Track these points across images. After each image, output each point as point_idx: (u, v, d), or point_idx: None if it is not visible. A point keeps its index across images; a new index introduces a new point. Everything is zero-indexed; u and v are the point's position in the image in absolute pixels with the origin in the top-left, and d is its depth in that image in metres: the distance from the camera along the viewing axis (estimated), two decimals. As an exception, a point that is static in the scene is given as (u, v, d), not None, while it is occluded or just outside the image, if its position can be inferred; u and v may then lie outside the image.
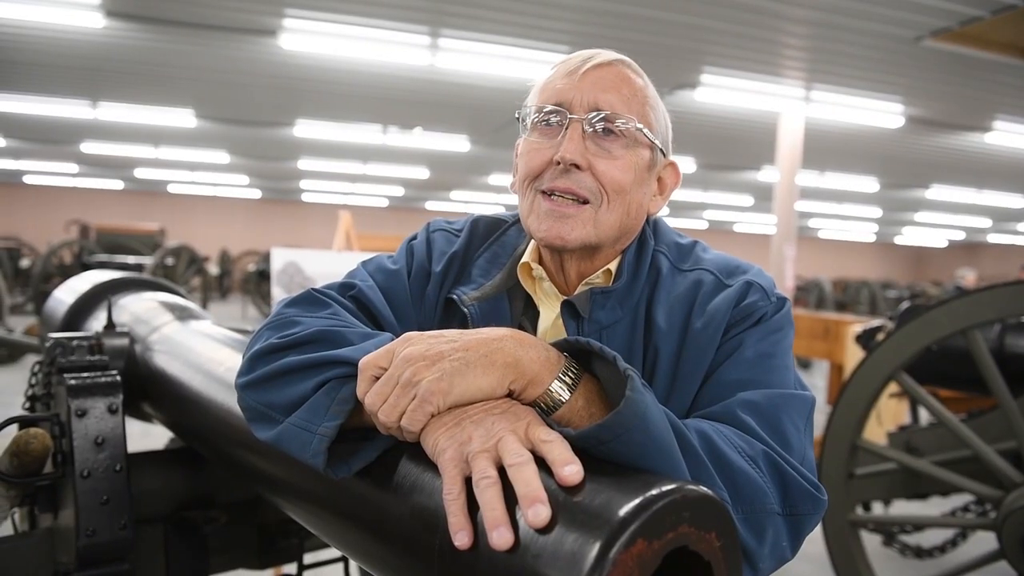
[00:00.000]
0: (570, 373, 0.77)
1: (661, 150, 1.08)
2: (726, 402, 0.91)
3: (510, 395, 0.76)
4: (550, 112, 1.02)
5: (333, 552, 1.53)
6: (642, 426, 0.67)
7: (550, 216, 1.01)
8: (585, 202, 1.01)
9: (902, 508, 4.17)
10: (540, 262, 1.11)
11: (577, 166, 1.00)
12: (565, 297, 1.06)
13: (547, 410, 0.75)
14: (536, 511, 0.59)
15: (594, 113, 1.00)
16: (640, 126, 1.02)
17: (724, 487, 0.78)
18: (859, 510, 3.19)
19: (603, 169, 1.00)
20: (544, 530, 0.58)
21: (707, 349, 0.97)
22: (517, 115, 1.08)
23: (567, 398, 0.75)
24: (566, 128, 1.01)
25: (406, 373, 0.74)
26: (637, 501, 0.56)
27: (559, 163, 1.00)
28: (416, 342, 0.77)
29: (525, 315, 1.10)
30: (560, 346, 0.80)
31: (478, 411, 0.72)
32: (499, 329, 0.79)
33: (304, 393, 0.83)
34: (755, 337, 0.97)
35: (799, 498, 0.84)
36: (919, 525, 3.75)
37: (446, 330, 0.80)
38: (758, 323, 0.99)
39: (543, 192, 1.02)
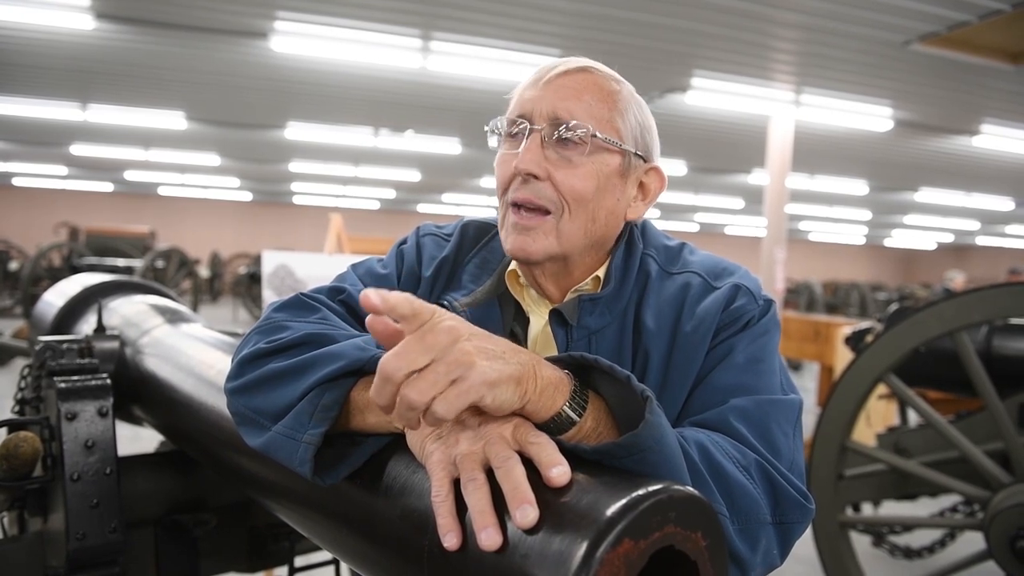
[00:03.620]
0: (579, 395, 0.75)
1: (639, 155, 1.06)
2: (719, 409, 0.92)
3: (518, 412, 0.72)
4: (513, 123, 1.03)
5: (324, 555, 1.52)
6: (658, 447, 0.68)
7: (515, 229, 1.02)
8: (547, 212, 1.01)
9: (891, 509, 4.20)
10: None
11: (535, 176, 0.99)
12: (553, 306, 1.06)
13: (555, 431, 0.73)
14: (524, 512, 0.59)
15: (551, 122, 1.00)
16: (598, 133, 1.00)
17: (722, 500, 0.80)
18: (849, 511, 3.21)
19: (561, 178, 1.00)
20: (532, 531, 0.59)
21: (697, 352, 0.98)
22: (486, 128, 1.08)
23: (577, 421, 0.74)
24: (525, 138, 1.01)
25: (455, 350, 0.65)
26: (624, 501, 0.57)
27: (518, 174, 1.00)
28: (456, 319, 0.69)
29: (516, 321, 1.10)
30: (564, 361, 0.78)
31: (465, 414, 0.72)
32: (520, 347, 0.75)
33: (291, 400, 0.83)
34: (744, 342, 0.98)
35: (788, 507, 0.86)
36: (908, 526, 3.78)
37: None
38: (746, 327, 1.00)
39: (512, 205, 1.03)
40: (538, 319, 1.10)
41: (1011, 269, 11.01)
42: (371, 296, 0.67)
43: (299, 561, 1.63)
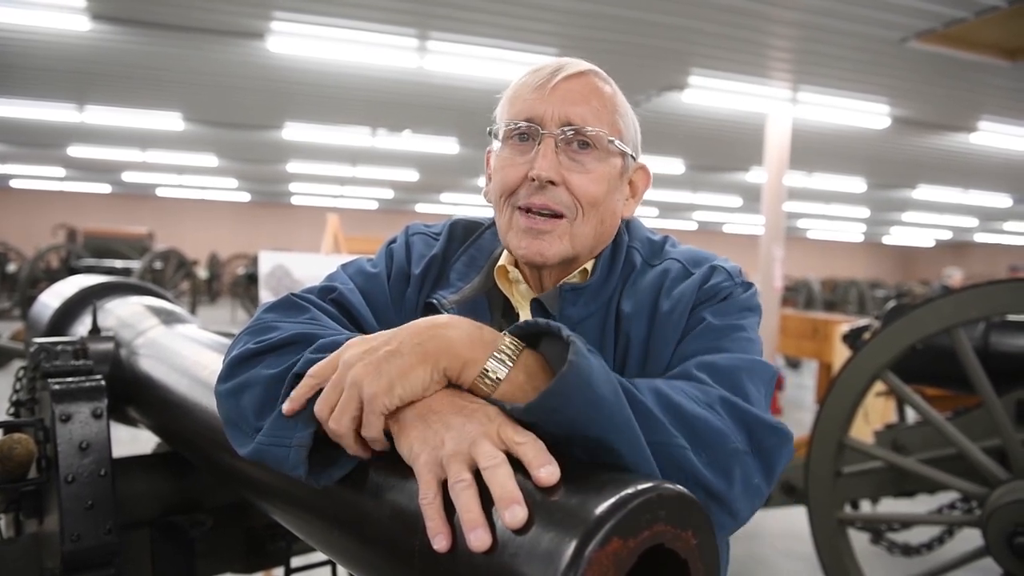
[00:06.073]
0: (507, 350, 0.77)
1: (632, 156, 1.09)
2: (684, 364, 0.92)
3: (449, 381, 0.76)
4: (522, 127, 1.03)
5: (321, 555, 1.52)
6: (587, 386, 0.68)
7: (528, 234, 1.02)
8: (560, 216, 1.02)
9: (889, 506, 4.19)
10: (517, 266, 1.12)
11: (552, 182, 1.00)
12: (535, 296, 1.08)
13: (488, 389, 0.75)
14: (513, 512, 0.59)
15: (566, 127, 1.01)
16: (611, 137, 1.03)
17: (680, 433, 0.78)
18: (847, 508, 3.21)
19: (577, 183, 1.01)
20: (521, 530, 0.59)
21: (675, 330, 0.99)
22: (489, 130, 1.09)
23: (504, 375, 0.75)
24: (539, 143, 1.01)
25: (348, 378, 0.74)
26: (613, 500, 0.57)
27: (534, 180, 1.00)
28: (355, 345, 0.78)
29: (505, 317, 1.11)
30: (513, 332, 0.80)
31: (447, 411, 0.72)
32: (433, 317, 0.80)
33: (278, 402, 0.83)
34: (719, 311, 0.99)
35: (762, 433, 0.84)
36: (906, 523, 3.77)
37: (386, 330, 0.80)
38: (722, 301, 1.00)
39: (520, 208, 1.03)
40: (527, 314, 1.10)
41: (1011, 267, 11.00)
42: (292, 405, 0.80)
43: (296, 561, 1.63)
